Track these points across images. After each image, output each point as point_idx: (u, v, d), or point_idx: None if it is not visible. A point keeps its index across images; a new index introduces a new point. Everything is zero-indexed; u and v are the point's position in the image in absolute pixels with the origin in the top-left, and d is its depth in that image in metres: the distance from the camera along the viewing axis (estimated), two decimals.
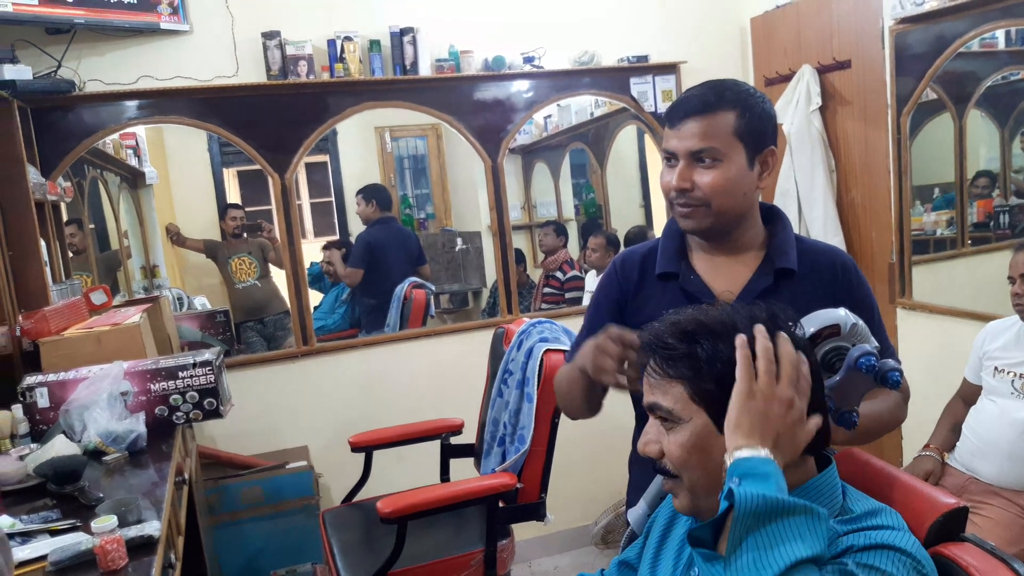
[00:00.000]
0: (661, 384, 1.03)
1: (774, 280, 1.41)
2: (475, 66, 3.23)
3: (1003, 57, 2.72)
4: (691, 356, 1.00)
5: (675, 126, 1.39)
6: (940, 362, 2.81)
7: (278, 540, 2.87)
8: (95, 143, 2.92)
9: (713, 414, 0.99)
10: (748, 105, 1.37)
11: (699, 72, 3.50)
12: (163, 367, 2.11)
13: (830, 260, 1.46)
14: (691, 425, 1.01)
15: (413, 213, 4.68)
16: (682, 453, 1.01)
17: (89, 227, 3.40)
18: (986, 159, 2.93)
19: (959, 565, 0.97)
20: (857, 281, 1.45)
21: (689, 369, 1.00)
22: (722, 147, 1.36)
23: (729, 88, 1.39)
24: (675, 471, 1.04)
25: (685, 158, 1.38)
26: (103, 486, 1.76)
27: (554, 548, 3.46)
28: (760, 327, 0.99)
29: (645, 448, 1.06)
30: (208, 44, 2.95)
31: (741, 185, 1.38)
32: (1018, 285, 2.21)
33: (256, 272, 4.06)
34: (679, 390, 1.01)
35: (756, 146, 1.39)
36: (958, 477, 2.34)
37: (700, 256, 1.48)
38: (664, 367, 1.02)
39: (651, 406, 1.05)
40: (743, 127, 1.36)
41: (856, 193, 3.17)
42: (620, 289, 1.54)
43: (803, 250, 1.46)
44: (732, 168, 1.37)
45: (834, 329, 1.13)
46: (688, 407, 1.01)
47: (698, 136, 1.36)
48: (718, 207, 1.38)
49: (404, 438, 2.66)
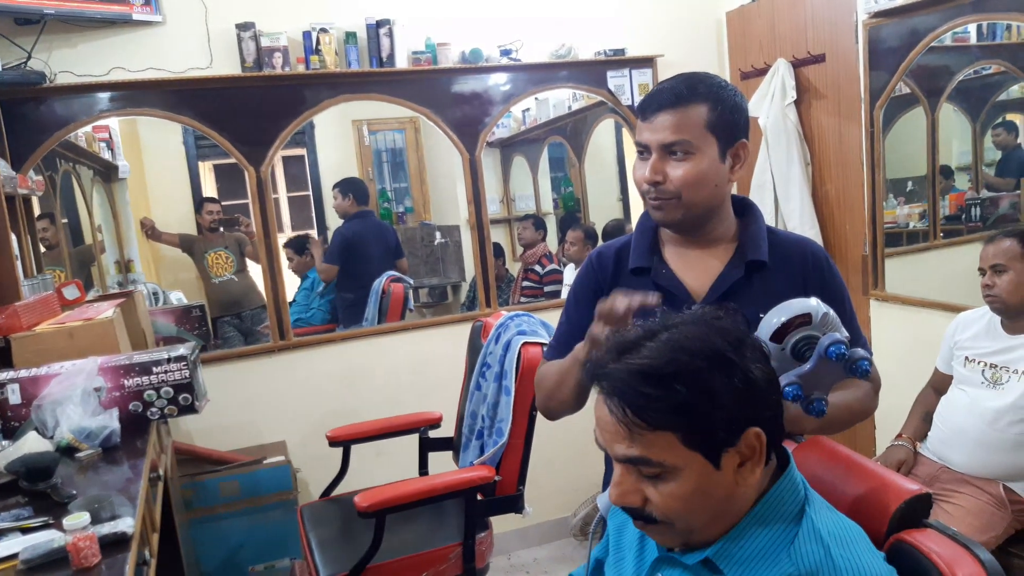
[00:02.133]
0: (641, 436, 0.92)
1: (745, 272, 1.42)
2: (452, 59, 3.22)
3: (975, 51, 2.75)
4: (680, 405, 0.91)
5: (647, 119, 1.39)
6: (912, 352, 2.85)
7: (256, 535, 2.86)
8: (66, 136, 2.88)
9: (710, 455, 0.93)
10: (720, 98, 1.38)
11: (675, 65, 3.51)
12: (137, 362, 2.09)
13: (801, 251, 1.47)
14: (687, 472, 0.93)
15: (391, 207, 4.66)
16: (682, 504, 0.94)
17: (61, 221, 3.35)
18: (958, 152, 2.97)
19: (921, 551, 0.98)
20: (828, 271, 1.47)
21: (681, 416, 0.91)
22: (694, 140, 1.36)
23: (701, 81, 1.39)
24: (663, 520, 0.96)
25: (657, 151, 1.38)
26: (76, 483, 1.74)
27: (533, 540, 3.47)
28: None
29: (623, 500, 0.97)
30: (181, 35, 2.92)
31: (713, 178, 1.39)
32: (988, 276, 2.24)
33: (233, 266, 4.02)
34: (668, 439, 0.92)
35: (728, 139, 1.39)
36: (930, 466, 2.37)
37: (672, 250, 1.49)
38: (644, 418, 0.92)
39: (632, 460, 0.94)
40: (715, 120, 1.37)
41: (830, 186, 3.20)
42: (597, 283, 1.54)
43: (775, 242, 1.47)
44: (704, 161, 1.37)
45: (805, 318, 1.14)
46: (682, 455, 0.92)
47: (670, 129, 1.36)
48: (689, 200, 1.39)
49: (382, 432, 2.66)
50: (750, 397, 0.95)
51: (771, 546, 0.96)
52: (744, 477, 0.96)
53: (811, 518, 0.97)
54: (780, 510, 0.98)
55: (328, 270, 3.98)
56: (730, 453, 0.94)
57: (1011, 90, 2.74)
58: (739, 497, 0.98)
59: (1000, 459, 2.22)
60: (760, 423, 0.96)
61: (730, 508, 0.98)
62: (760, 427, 0.95)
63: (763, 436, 0.96)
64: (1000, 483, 2.23)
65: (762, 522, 0.98)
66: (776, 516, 0.98)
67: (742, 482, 0.96)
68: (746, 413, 0.95)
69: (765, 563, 0.95)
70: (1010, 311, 2.24)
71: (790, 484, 1.01)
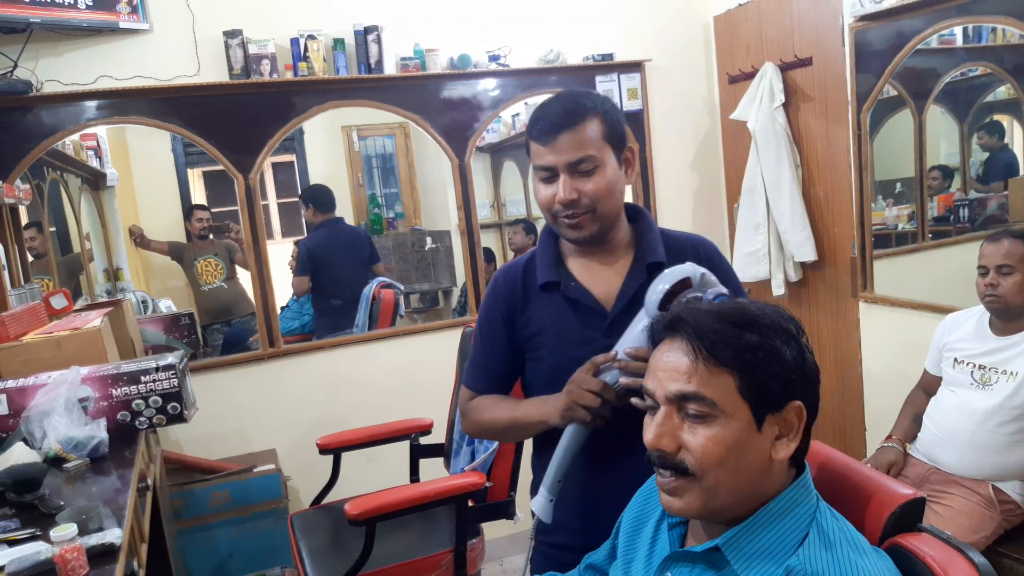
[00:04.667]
0: (702, 372, 0.97)
1: (648, 275, 1.44)
2: (441, 65, 3.22)
3: (961, 54, 2.77)
4: (749, 347, 0.96)
5: (548, 143, 1.41)
6: (901, 354, 2.86)
7: (247, 544, 2.84)
8: (54, 144, 2.86)
9: (757, 411, 0.97)
10: (606, 108, 1.43)
11: (663, 70, 3.53)
12: (125, 372, 2.08)
13: (693, 247, 1.53)
14: (733, 420, 0.96)
15: (382, 212, 4.65)
16: (722, 451, 0.96)
17: (49, 230, 3.34)
18: (946, 154, 2.98)
19: (916, 555, 0.99)
20: (720, 262, 1.52)
21: (743, 360, 0.96)
22: (597, 153, 1.40)
23: (585, 96, 1.44)
24: (695, 470, 0.98)
25: (565, 170, 1.40)
26: (64, 494, 1.73)
27: (524, 546, 3.45)
28: None
29: (659, 441, 1.00)
30: (168, 43, 2.91)
31: (618, 185, 1.44)
32: (992, 276, 2.22)
33: (223, 274, 4.01)
34: (727, 381, 0.96)
35: (620, 146, 1.45)
36: (920, 467, 2.38)
37: (575, 261, 1.52)
38: (712, 353, 0.96)
39: (684, 395, 0.98)
40: (607, 130, 1.42)
41: (819, 188, 3.21)
42: (508, 304, 1.55)
43: (668, 241, 1.51)
44: (608, 171, 1.42)
45: (686, 282, 1.23)
46: (734, 400, 0.96)
47: (574, 148, 1.39)
48: (603, 211, 1.42)
49: (373, 439, 2.65)
50: (803, 372, 1.00)
51: (780, 544, 0.98)
52: (778, 451, 0.99)
53: (820, 523, 0.99)
54: (793, 511, 1.00)
55: (299, 283, 3.90)
56: (773, 419, 0.98)
57: (998, 91, 2.76)
58: (766, 474, 1.00)
59: (989, 460, 2.22)
60: (805, 401, 1.00)
61: (755, 484, 1.00)
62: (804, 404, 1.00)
63: (804, 413, 1.00)
64: (989, 484, 2.23)
65: (775, 517, 1.00)
66: (789, 515, 1.00)
67: (775, 455, 0.99)
68: (797, 384, 0.99)
69: (772, 561, 0.97)
70: (1009, 312, 2.23)
71: (805, 488, 1.03)
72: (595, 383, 1.30)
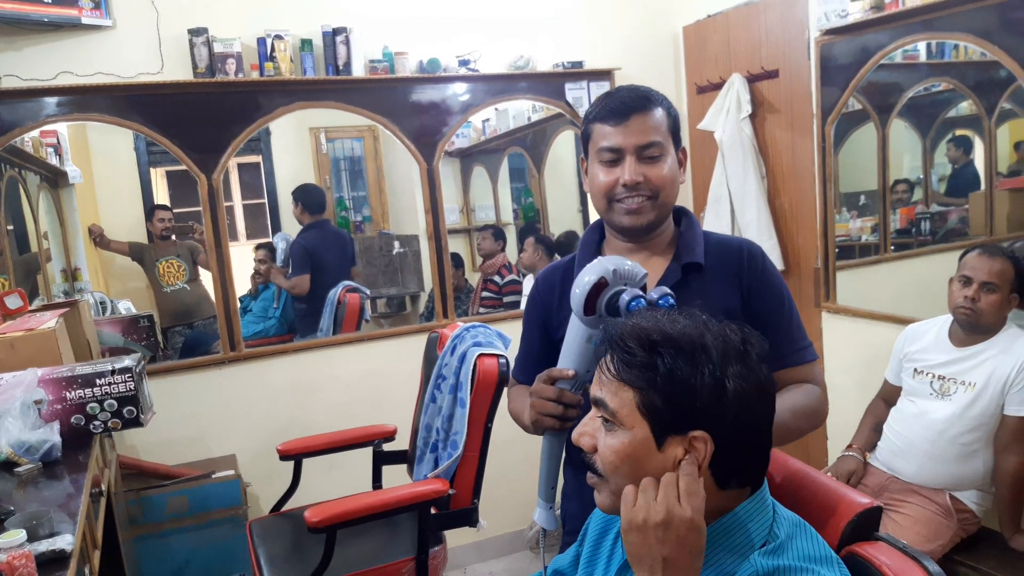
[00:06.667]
0: (612, 384, 1.01)
1: (683, 275, 1.45)
2: (410, 68, 3.20)
3: (924, 69, 2.81)
4: (648, 366, 0.98)
5: (618, 123, 1.41)
6: (862, 364, 2.90)
7: (204, 551, 2.79)
8: (11, 141, 2.80)
9: (656, 430, 0.98)
10: (668, 105, 1.46)
11: (633, 79, 3.54)
12: (79, 374, 2.03)
13: (737, 249, 1.50)
14: (631, 434, 0.99)
15: (349, 216, 4.61)
16: (615, 459, 1.00)
17: (6, 228, 3.26)
18: (909, 168, 3.03)
19: (872, 564, 1.00)
20: (763, 268, 1.49)
21: (643, 379, 0.98)
22: (663, 141, 1.43)
23: (650, 90, 1.46)
24: (602, 471, 1.03)
25: (633, 153, 1.41)
26: (14, 499, 1.68)
27: (489, 553, 3.44)
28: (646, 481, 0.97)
29: (579, 439, 1.06)
30: (132, 40, 2.86)
31: (678, 178, 1.47)
32: (974, 291, 2.21)
33: (185, 275, 3.94)
34: (628, 396, 0.99)
35: (678, 143, 1.47)
36: (879, 476, 2.41)
37: None
38: (619, 369, 1.01)
39: (597, 401, 1.04)
40: (671, 124, 1.45)
41: (784, 199, 3.24)
42: (544, 308, 1.56)
43: (710, 244, 1.50)
44: (671, 160, 1.44)
45: (602, 282, 1.20)
46: (633, 415, 0.99)
47: (644, 131, 1.41)
48: (664, 199, 1.44)
49: (335, 445, 2.62)
50: (717, 402, 0.96)
51: (725, 561, 0.98)
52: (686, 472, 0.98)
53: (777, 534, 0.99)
54: (741, 529, 0.99)
55: (300, 282, 3.89)
56: (677, 440, 0.98)
57: (960, 107, 2.81)
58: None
59: (947, 469, 2.26)
60: (713, 432, 0.96)
61: None
62: (712, 436, 0.96)
63: (710, 444, 0.97)
64: (947, 492, 2.27)
65: (721, 535, 0.99)
66: (735, 533, 0.99)
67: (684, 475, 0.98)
68: (706, 412, 0.96)
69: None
70: (978, 327, 2.25)
71: (758, 506, 1.02)
72: (551, 391, 1.29)
